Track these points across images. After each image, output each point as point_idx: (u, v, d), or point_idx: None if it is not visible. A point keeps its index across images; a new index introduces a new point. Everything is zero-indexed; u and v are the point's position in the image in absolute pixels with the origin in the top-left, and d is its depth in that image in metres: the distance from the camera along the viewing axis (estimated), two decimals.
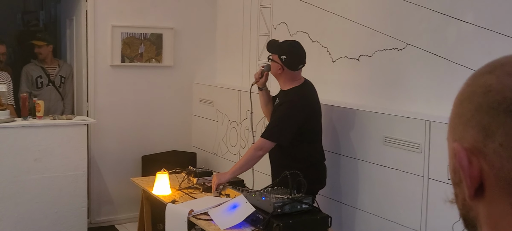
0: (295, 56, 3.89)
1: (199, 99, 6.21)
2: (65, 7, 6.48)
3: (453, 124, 0.80)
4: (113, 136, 5.94)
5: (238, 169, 3.95)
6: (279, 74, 3.91)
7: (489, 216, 0.75)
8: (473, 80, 0.78)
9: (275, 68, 3.91)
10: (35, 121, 5.06)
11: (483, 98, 0.74)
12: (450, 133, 0.80)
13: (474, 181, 0.75)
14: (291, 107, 3.85)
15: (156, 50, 6.04)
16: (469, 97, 0.77)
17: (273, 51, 3.94)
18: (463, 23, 3.50)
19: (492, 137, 0.72)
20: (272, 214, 3.25)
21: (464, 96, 0.78)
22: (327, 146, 4.31)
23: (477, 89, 0.76)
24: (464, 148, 0.76)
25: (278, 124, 3.85)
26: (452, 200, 0.82)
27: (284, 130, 3.83)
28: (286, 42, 4.01)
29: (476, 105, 0.75)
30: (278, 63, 3.87)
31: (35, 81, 5.99)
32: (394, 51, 4.02)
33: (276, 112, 3.93)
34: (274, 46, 3.97)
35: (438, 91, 3.69)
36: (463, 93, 0.79)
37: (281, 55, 3.86)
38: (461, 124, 0.77)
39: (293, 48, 3.91)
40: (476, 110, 0.75)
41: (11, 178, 4.90)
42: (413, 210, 3.61)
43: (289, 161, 3.86)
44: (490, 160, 0.73)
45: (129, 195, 5.80)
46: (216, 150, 5.91)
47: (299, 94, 3.88)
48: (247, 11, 5.68)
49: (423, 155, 3.53)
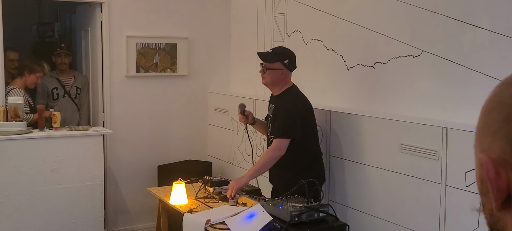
0: (294, 58, 4.15)
1: (214, 108, 6.22)
2: (80, 19, 6.53)
3: (480, 133, 0.79)
4: (129, 146, 5.97)
5: (256, 172, 4.06)
6: (280, 80, 4.10)
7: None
8: (501, 90, 0.77)
9: (276, 75, 4.08)
10: (51, 132, 5.11)
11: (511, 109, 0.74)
12: (477, 142, 0.79)
13: (502, 193, 0.74)
14: (293, 104, 4.06)
15: (171, 60, 6.07)
16: (497, 108, 0.76)
17: (275, 59, 4.10)
18: (479, 29, 3.49)
19: None
20: (290, 223, 3.25)
21: (492, 106, 0.77)
22: (343, 153, 4.31)
23: (506, 99, 0.75)
24: (492, 159, 0.75)
25: (287, 121, 4.01)
26: (479, 209, 0.82)
27: (293, 125, 4.00)
28: (279, 48, 4.31)
29: (504, 116, 0.74)
30: (280, 69, 4.06)
31: (51, 93, 6.04)
32: (409, 58, 4.01)
33: (279, 113, 4.06)
34: (274, 55, 4.15)
35: (454, 98, 3.68)
36: (491, 103, 0.78)
37: (284, 60, 4.07)
38: (489, 134, 0.76)
39: (289, 51, 4.18)
40: (505, 121, 0.74)
41: (29, 189, 4.94)
42: (431, 218, 3.59)
43: (292, 160, 4.00)
44: None
45: (146, 205, 5.82)
46: (231, 159, 5.91)
47: (295, 92, 4.14)
48: (261, 20, 5.69)
49: (440, 162, 3.52)
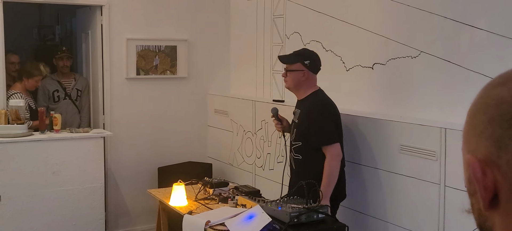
0: (316, 58, 3.95)
1: (214, 110, 6.24)
2: (81, 22, 6.55)
3: (467, 135, 0.81)
4: (129, 148, 5.98)
5: (330, 188, 3.75)
6: (302, 82, 3.89)
7: (504, 226, 0.76)
8: (486, 92, 0.79)
9: (298, 77, 3.89)
10: (52, 134, 5.13)
11: (496, 110, 0.75)
12: (464, 144, 0.81)
13: (489, 192, 0.76)
14: (323, 107, 3.87)
15: (171, 62, 6.08)
16: (482, 109, 0.78)
17: (295, 60, 3.92)
18: (476, 30, 3.50)
19: (505, 148, 0.73)
20: (289, 224, 3.26)
21: (477, 108, 0.79)
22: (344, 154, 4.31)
23: (490, 101, 0.77)
24: (478, 159, 0.77)
25: (325, 127, 3.81)
26: (468, 210, 0.83)
27: (331, 129, 3.81)
28: (300, 50, 4.05)
29: (489, 118, 0.76)
30: (301, 71, 3.87)
31: (52, 95, 6.05)
32: (407, 59, 4.02)
33: (310, 119, 3.84)
34: (293, 56, 3.98)
35: (452, 98, 3.69)
36: (476, 105, 0.80)
37: (305, 61, 3.88)
38: (475, 136, 0.78)
39: (311, 52, 3.98)
40: (489, 122, 0.76)
41: (30, 192, 4.96)
42: (430, 218, 3.60)
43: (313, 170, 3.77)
44: (504, 171, 0.74)
45: (146, 207, 5.83)
46: (231, 160, 5.93)
47: (322, 96, 3.93)
48: (260, 21, 5.71)
49: (439, 163, 3.53)
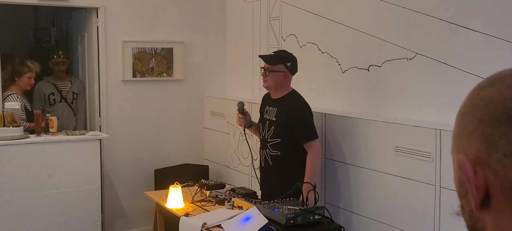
0: (296, 60, 4.16)
1: (210, 112, 6.24)
2: (77, 24, 6.55)
3: (457, 136, 0.82)
4: (125, 150, 5.98)
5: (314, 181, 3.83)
6: (282, 83, 4.10)
7: (496, 226, 0.76)
8: (475, 94, 0.80)
9: (279, 78, 4.08)
10: (48, 137, 5.12)
11: (485, 110, 0.76)
12: (454, 145, 0.82)
13: (480, 192, 0.76)
14: (305, 107, 4.09)
15: (167, 65, 6.09)
16: (471, 110, 0.79)
17: (279, 62, 4.10)
18: (472, 32, 3.52)
19: (495, 147, 0.74)
20: (285, 225, 3.27)
21: (466, 109, 0.80)
22: (338, 156, 4.32)
23: (479, 102, 0.78)
24: (469, 159, 0.77)
25: (310, 124, 4.04)
26: (458, 212, 0.84)
27: (314, 126, 4.06)
28: (281, 52, 4.29)
29: (478, 118, 0.77)
30: (283, 72, 4.07)
31: (48, 98, 6.05)
32: (403, 60, 4.03)
33: (293, 118, 4.03)
34: (277, 57, 4.16)
35: (448, 99, 3.70)
36: (465, 107, 0.81)
37: (287, 63, 4.08)
38: (465, 136, 0.79)
39: (291, 54, 4.19)
40: (479, 122, 0.77)
41: (26, 194, 4.95)
42: (426, 220, 3.61)
43: (292, 165, 4.02)
44: (495, 169, 0.74)
45: (143, 209, 5.83)
46: (228, 163, 5.93)
47: (300, 96, 4.14)
48: (257, 23, 5.72)
49: (434, 164, 3.54)
